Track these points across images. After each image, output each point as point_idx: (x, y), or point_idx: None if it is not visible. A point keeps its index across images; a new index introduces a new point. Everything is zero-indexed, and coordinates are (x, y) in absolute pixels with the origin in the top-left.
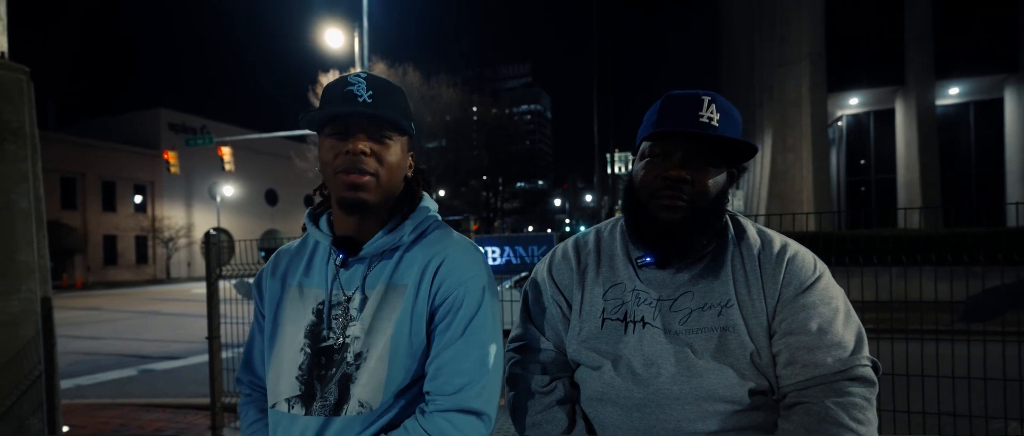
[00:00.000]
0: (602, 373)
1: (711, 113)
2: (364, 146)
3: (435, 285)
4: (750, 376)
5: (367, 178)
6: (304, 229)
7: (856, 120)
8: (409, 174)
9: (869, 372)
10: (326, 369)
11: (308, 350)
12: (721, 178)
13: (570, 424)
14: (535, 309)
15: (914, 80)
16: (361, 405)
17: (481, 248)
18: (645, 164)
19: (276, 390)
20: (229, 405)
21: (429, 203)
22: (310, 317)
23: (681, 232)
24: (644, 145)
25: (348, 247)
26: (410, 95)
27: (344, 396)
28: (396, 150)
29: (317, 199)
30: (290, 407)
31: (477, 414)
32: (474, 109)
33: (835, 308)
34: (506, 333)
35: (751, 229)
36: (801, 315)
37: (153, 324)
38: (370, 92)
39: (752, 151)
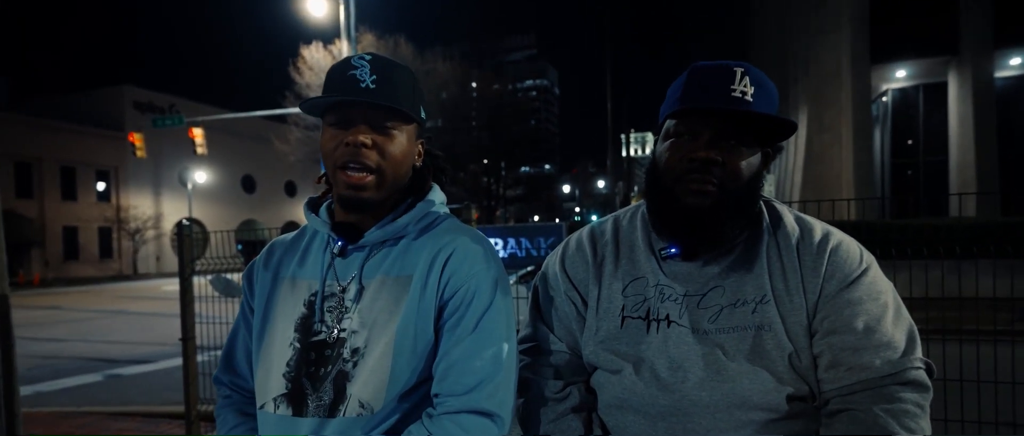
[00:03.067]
0: (622, 377)
1: (744, 86)
2: (366, 138)
3: (444, 278)
4: (788, 380)
5: (369, 177)
6: (283, 230)
7: (903, 95)
8: (418, 163)
9: (922, 375)
10: (318, 366)
11: (297, 345)
12: (755, 159)
13: (586, 434)
14: (546, 306)
15: (970, 49)
16: (361, 406)
17: None
18: (670, 145)
19: (264, 389)
20: (205, 413)
21: (437, 195)
22: (301, 309)
23: (710, 219)
24: (668, 124)
25: (348, 234)
26: None
27: (340, 396)
28: (401, 140)
29: (322, 188)
30: (276, 407)
31: (489, 415)
32: (473, 85)
33: (884, 304)
34: None
35: (788, 216)
36: (846, 312)
37: (120, 324)
38: (374, 77)
39: (791, 128)
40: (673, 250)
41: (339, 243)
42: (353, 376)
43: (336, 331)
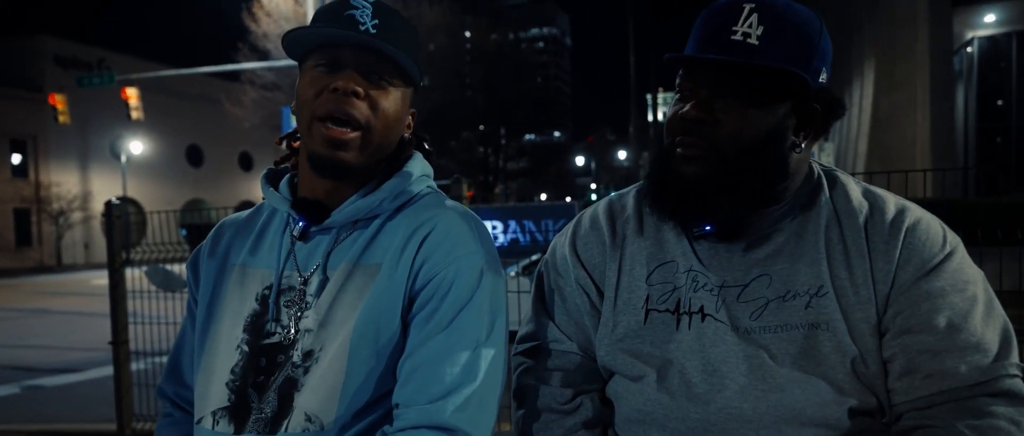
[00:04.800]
0: (645, 385)
1: (748, 28)
2: (356, 85)
3: (418, 261)
4: (850, 390)
5: (352, 134)
6: (237, 211)
7: (992, 44)
8: (408, 134)
9: (1019, 385)
10: (268, 373)
11: (245, 348)
12: (769, 119)
13: None
14: (552, 297)
15: None
16: (308, 419)
17: None
18: (673, 101)
19: (203, 401)
20: (141, 431)
21: (419, 163)
22: (252, 305)
23: (699, 191)
24: (678, 78)
25: (311, 213)
26: None
27: (285, 407)
28: (397, 97)
29: (282, 152)
30: (215, 423)
31: (453, 433)
32: (466, 35)
33: (972, 297)
34: (512, 336)
35: (854, 189)
36: (924, 306)
37: (41, 326)
38: (375, 21)
39: (800, 85)
40: (706, 228)
41: (300, 224)
42: (302, 383)
43: (293, 332)
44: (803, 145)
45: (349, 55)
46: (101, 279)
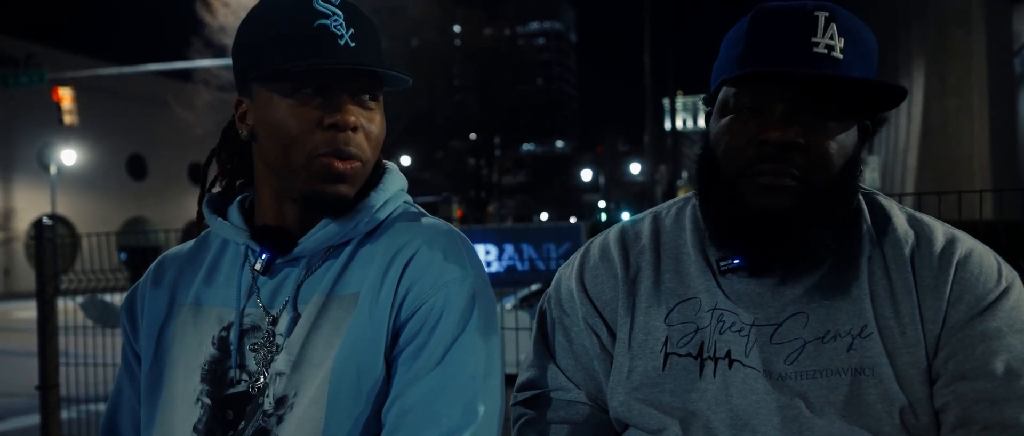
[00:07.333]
0: None
1: (830, 39)
2: (356, 120)
3: (402, 289)
4: None
5: (356, 165)
6: (198, 226)
7: None
8: None
9: None
10: (236, 427)
11: (206, 400)
12: (849, 138)
13: None
14: (557, 338)
15: None
16: None
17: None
18: (730, 122)
19: None
20: None
21: (395, 178)
22: (209, 350)
23: (791, 227)
24: (726, 92)
25: (276, 243)
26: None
27: None
28: (379, 119)
29: (216, 180)
30: None
31: None
32: (456, 30)
33: None
34: (510, 379)
35: (899, 216)
36: (979, 349)
37: None
38: (351, 31)
39: (899, 96)
40: (736, 261)
41: (264, 256)
42: (277, 433)
43: (263, 378)
44: (863, 164)
45: (337, 81)
46: (25, 311)
